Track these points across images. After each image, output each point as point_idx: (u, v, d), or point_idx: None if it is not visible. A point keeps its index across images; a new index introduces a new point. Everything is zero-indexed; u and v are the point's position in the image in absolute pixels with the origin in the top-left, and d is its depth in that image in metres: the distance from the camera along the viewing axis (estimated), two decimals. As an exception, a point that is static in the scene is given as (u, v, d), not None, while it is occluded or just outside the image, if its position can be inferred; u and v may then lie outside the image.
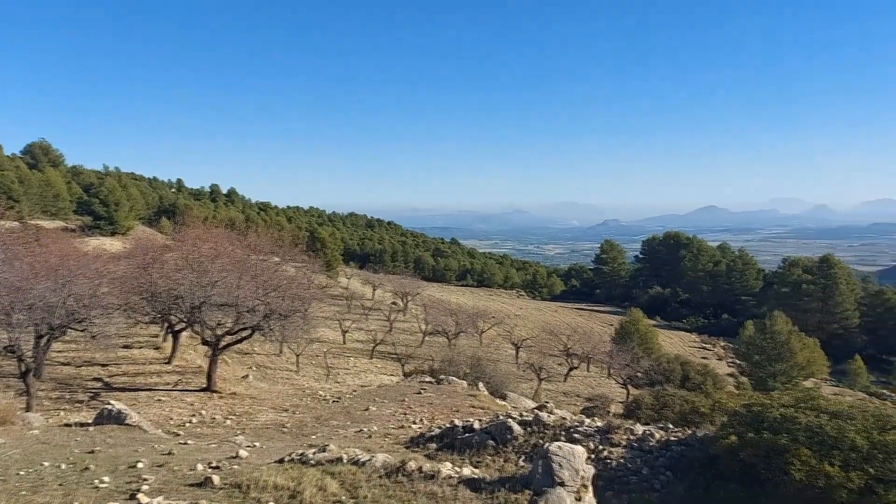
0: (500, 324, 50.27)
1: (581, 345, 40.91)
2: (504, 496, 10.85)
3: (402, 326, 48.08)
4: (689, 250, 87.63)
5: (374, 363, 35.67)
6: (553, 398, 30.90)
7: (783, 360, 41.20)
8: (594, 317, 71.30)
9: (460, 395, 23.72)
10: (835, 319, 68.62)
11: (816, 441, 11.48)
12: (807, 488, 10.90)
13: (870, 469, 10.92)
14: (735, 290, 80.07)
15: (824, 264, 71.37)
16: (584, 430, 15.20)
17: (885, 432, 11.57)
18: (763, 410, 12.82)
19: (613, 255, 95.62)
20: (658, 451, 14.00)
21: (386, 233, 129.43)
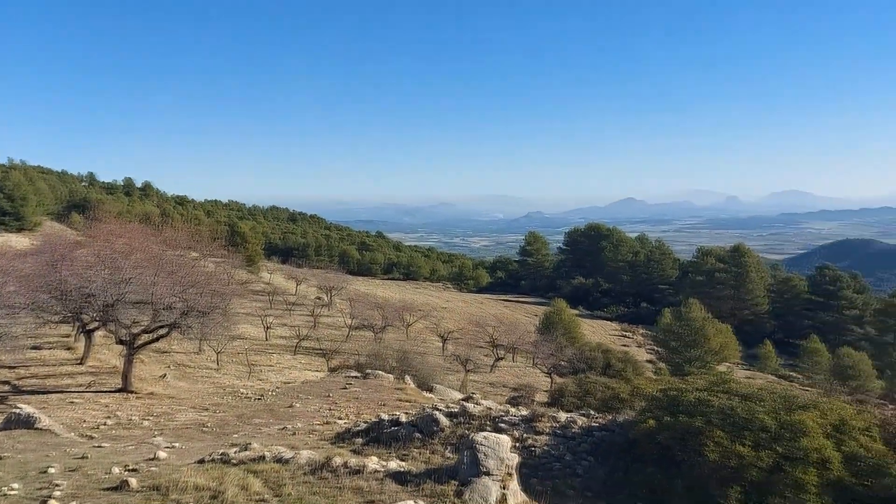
0: (427, 317, 50.34)
1: (507, 336, 41.41)
2: (431, 488, 10.86)
3: (328, 321, 47.58)
4: (609, 241, 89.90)
5: (298, 359, 35.15)
6: (480, 389, 31.17)
7: (698, 346, 42.78)
8: (520, 308, 72.30)
9: (387, 389, 23.63)
10: (746, 306, 71.72)
11: (729, 423, 11.95)
12: (720, 468, 11.33)
13: (778, 448, 11.44)
14: (653, 280, 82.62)
15: (736, 253, 74.43)
16: (510, 419, 15.37)
17: (791, 412, 12.14)
18: (679, 395, 13.26)
19: (537, 247, 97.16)
20: (581, 438, 14.30)
21: (309, 226, 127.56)
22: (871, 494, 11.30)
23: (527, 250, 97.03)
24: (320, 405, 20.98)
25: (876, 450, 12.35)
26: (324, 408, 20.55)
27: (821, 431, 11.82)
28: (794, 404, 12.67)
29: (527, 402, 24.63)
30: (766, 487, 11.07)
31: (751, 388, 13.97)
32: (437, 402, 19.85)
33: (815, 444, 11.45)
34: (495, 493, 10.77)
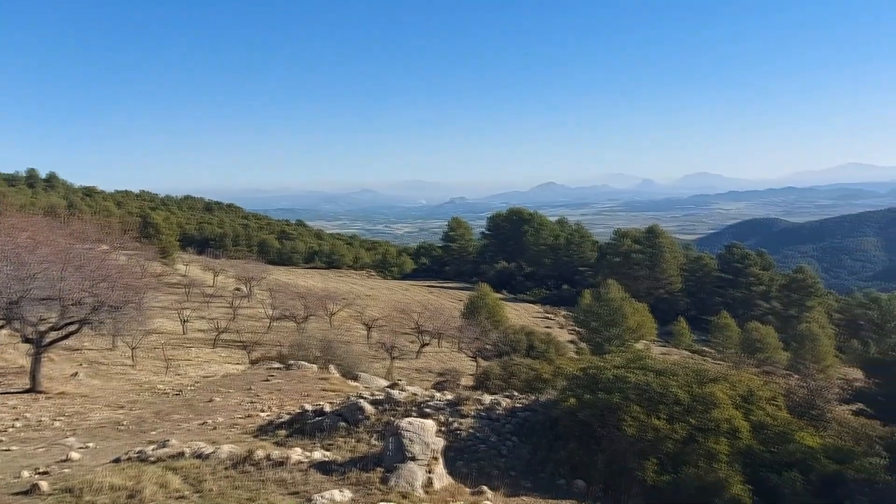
0: (351, 305, 49.96)
1: (432, 321, 41.57)
2: (356, 476, 10.83)
3: (248, 313, 46.59)
4: (531, 226, 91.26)
5: (218, 352, 34.30)
6: (406, 376, 31.20)
7: (617, 325, 44.06)
8: (444, 293, 72.68)
9: (311, 380, 23.35)
10: (661, 285, 74.27)
11: (645, 397, 12.37)
12: (638, 441, 11.73)
13: (691, 420, 11.93)
14: (573, 262, 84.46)
15: (651, 235, 76.87)
16: (435, 404, 15.47)
17: (703, 385, 12.67)
18: (598, 372, 13.63)
19: (461, 233, 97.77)
20: (505, 419, 14.53)
21: (226, 216, 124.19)
22: (777, 460, 11.93)
23: (450, 236, 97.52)
24: (242, 398, 20.54)
25: (781, 418, 13.04)
26: (245, 401, 20.13)
27: (730, 402, 12.38)
28: (706, 377, 13.22)
29: (452, 386, 24.85)
30: (680, 458, 11.53)
31: (665, 363, 14.49)
32: (363, 390, 19.77)
33: (725, 414, 11.98)
34: (421, 478, 10.83)
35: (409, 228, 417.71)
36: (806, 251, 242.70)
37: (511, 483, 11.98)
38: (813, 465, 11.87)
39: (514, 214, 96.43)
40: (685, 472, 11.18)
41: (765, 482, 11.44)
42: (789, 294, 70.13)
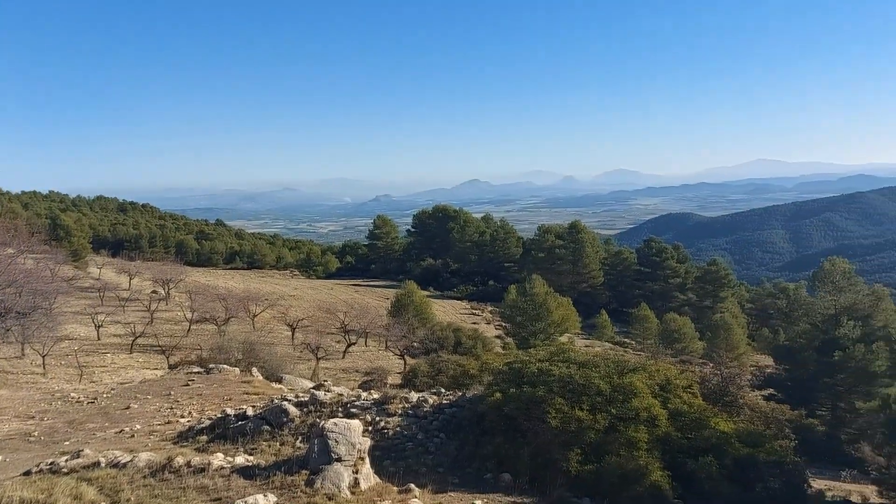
0: (274, 306, 48.98)
1: (358, 320, 41.17)
2: (280, 479, 10.66)
3: (166, 316, 45.08)
4: (456, 222, 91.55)
5: (135, 358, 33.05)
6: (332, 376, 30.84)
7: (542, 319, 44.73)
8: (370, 292, 72.18)
9: (233, 383, 22.82)
10: (584, 279, 75.79)
11: (568, 390, 12.62)
12: (562, 433, 11.96)
13: (612, 410, 12.24)
14: (499, 258, 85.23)
15: (573, 230, 78.36)
16: (362, 403, 15.36)
17: (623, 376, 13.02)
18: (523, 367, 13.82)
19: (386, 230, 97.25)
20: (432, 416, 14.56)
21: (141, 216, 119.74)
22: (693, 446, 12.37)
23: (376, 234, 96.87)
24: (160, 404, 19.90)
25: (697, 405, 13.53)
26: (164, 407, 19.51)
27: (649, 392, 12.77)
28: (626, 368, 13.59)
29: (379, 385, 24.71)
30: (603, 447, 11.81)
31: (587, 356, 14.83)
32: (287, 392, 19.45)
33: (644, 403, 12.35)
34: (347, 479, 10.74)
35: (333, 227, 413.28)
36: (719, 244, 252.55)
37: (439, 479, 12.01)
38: (727, 449, 12.37)
39: (440, 212, 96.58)
40: (607, 461, 11.47)
41: (682, 468, 11.86)
42: (704, 286, 72.76)
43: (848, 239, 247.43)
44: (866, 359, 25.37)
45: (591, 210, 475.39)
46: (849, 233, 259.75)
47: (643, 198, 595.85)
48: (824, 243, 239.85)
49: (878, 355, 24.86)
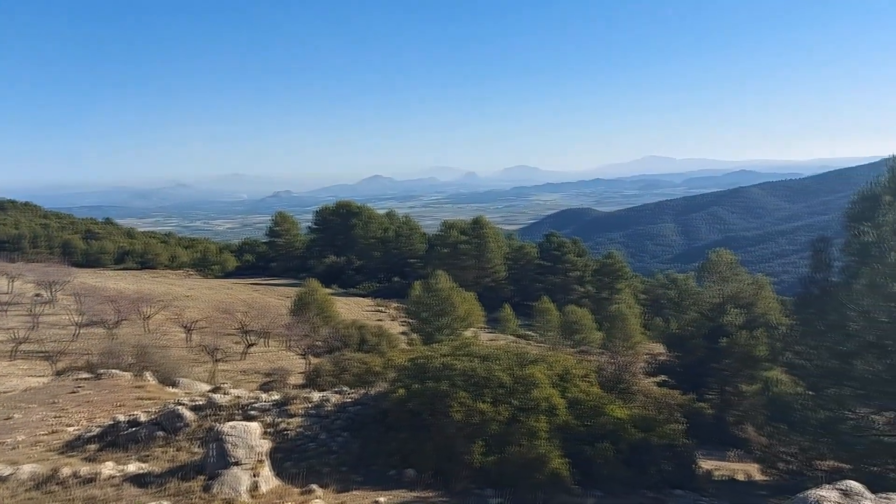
0: (169, 307, 47.08)
1: (258, 320, 40.21)
2: (175, 486, 10.32)
3: (51, 320, 42.55)
4: (359, 219, 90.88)
5: (17, 365, 31.01)
6: (231, 378, 29.97)
7: (447, 315, 45.07)
8: (271, 290, 70.66)
9: (125, 389, 21.78)
10: (487, 274, 76.92)
11: (471, 383, 12.73)
12: (465, 426, 12.06)
13: (514, 401, 12.45)
14: (403, 254, 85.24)
15: (476, 226, 79.34)
16: (261, 405, 15.00)
17: (524, 367, 13.26)
18: (427, 362, 13.83)
19: (287, 227, 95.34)
20: (335, 415, 14.37)
21: (22, 215, 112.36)
22: (591, 433, 12.75)
23: (275, 231, 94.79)
24: (45, 413, 18.74)
25: (594, 393, 13.94)
26: (50, 416, 18.39)
27: (549, 382, 13.05)
28: (526, 360, 13.83)
29: (280, 386, 24.24)
30: (505, 438, 11.99)
31: (490, 349, 15.01)
32: (182, 396, 18.73)
33: (544, 394, 12.61)
34: (246, 482, 10.49)
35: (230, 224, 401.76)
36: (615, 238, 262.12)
37: (342, 479, 11.87)
38: (622, 434, 12.81)
39: (343, 208, 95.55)
40: (509, 451, 11.65)
41: (581, 454, 12.19)
42: (601, 278, 75.27)
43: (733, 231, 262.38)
44: (749, 344, 26.87)
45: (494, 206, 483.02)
46: (733, 225, 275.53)
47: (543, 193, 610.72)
48: (711, 236, 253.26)
49: (760, 341, 26.33)
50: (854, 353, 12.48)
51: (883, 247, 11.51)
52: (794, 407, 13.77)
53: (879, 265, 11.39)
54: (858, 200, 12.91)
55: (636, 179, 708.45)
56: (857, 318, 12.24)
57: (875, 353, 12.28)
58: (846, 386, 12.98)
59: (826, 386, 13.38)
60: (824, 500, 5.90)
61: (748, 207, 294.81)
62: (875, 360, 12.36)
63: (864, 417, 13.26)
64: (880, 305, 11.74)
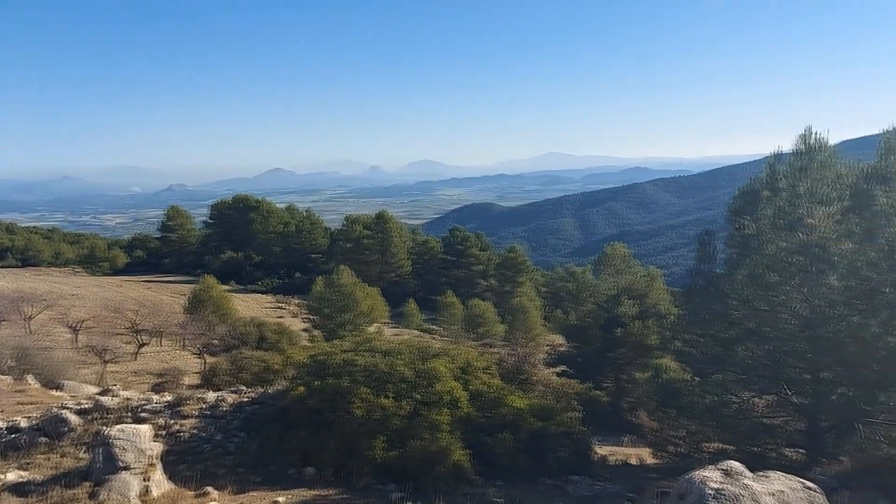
0: (53, 306, 44.42)
1: (150, 319, 38.53)
2: (59, 494, 9.79)
3: (-80, 323, 39.42)
4: (258, 213, 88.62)
5: None
6: (122, 380, 28.60)
7: (350, 310, 44.62)
8: (164, 288, 67.94)
9: (4, 393, 20.36)
10: (392, 269, 76.75)
11: (373, 378, 12.65)
12: (367, 422, 11.98)
13: (416, 395, 12.46)
14: (305, 250, 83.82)
15: (380, 220, 79.00)
16: (153, 407, 14.40)
17: (426, 361, 13.29)
18: (327, 358, 13.65)
19: (181, 222, 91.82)
20: (231, 415, 13.97)
21: None
22: (492, 424, 12.93)
23: (169, 226, 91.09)
24: (-89, 424, 17.31)
25: (495, 385, 14.14)
26: (-84, 426, 17.00)
27: (451, 375, 13.14)
28: (429, 354, 13.87)
29: (174, 386, 23.33)
30: (407, 432, 11.99)
31: (392, 343, 14.96)
32: (67, 399, 17.70)
33: (446, 387, 12.69)
34: (137, 487, 10.06)
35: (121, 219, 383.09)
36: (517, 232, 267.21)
37: (239, 480, 11.56)
38: (522, 424, 13.07)
39: (240, 202, 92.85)
40: (411, 445, 11.66)
41: (482, 445, 12.35)
42: (504, 272, 76.55)
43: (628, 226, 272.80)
44: (643, 333, 27.99)
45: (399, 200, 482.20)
46: (628, 220, 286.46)
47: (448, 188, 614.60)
48: (608, 230, 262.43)
49: (652, 330, 27.44)
50: (736, 339, 13.19)
51: (762, 239, 12.20)
52: (682, 392, 14.43)
53: (758, 256, 12.08)
54: (739, 196, 13.65)
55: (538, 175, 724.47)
56: (738, 306, 12.94)
57: (755, 339, 13.03)
58: (729, 371, 13.72)
59: (711, 372, 14.09)
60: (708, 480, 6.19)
61: (642, 203, 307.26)
62: (755, 346, 13.12)
63: (746, 401, 14.04)
64: (759, 294, 12.45)
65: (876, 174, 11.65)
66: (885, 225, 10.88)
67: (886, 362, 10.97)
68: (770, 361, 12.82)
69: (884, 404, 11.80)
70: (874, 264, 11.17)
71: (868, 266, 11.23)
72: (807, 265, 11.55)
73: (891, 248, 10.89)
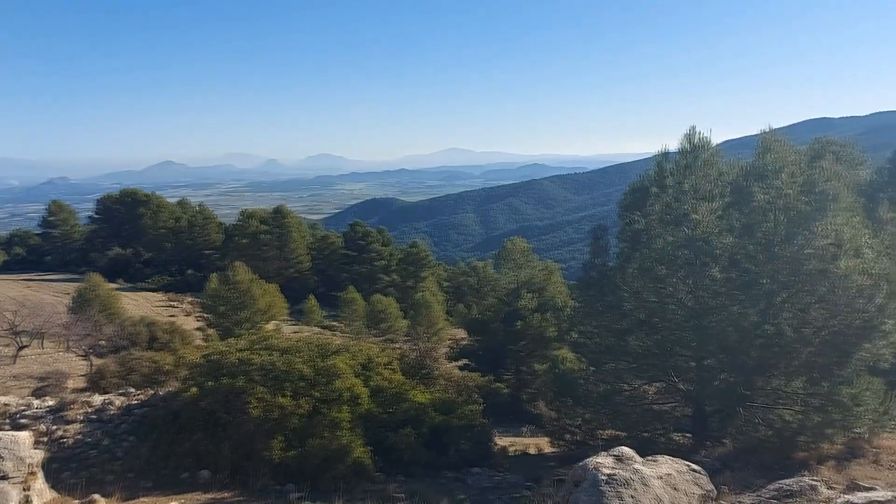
0: (-80, 308, 41.12)
1: (31, 320, 36.17)
2: (-76, 513, 9.01)
3: None
4: (148, 208, 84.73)
5: None
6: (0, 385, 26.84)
7: (247, 308, 43.47)
8: (46, 287, 64.00)
9: None
10: (291, 265, 75.22)
11: (270, 377, 12.36)
12: (265, 421, 11.69)
13: (316, 393, 12.27)
14: (198, 245, 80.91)
15: (278, 215, 77.24)
16: (34, 412, 13.56)
17: (326, 358, 13.11)
18: (222, 358, 13.23)
19: (63, 217, 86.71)
20: (119, 419, 13.34)
21: None
22: (394, 420, 12.91)
23: (50, 221, 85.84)
24: None
25: (396, 380, 14.12)
26: None
27: (351, 372, 13.02)
28: (329, 351, 13.69)
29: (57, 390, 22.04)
30: (307, 431, 11.79)
31: (291, 341, 14.67)
32: (-64, 408, 16.41)
33: (346, 384, 12.56)
34: (16, 498, 9.44)
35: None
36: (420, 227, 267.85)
37: (129, 485, 11.07)
38: (424, 419, 13.11)
39: (128, 196, 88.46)
40: (311, 444, 11.48)
41: (384, 441, 12.31)
42: (407, 267, 76.51)
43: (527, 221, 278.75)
44: (541, 326, 28.68)
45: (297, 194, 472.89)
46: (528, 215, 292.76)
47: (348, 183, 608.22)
48: (508, 225, 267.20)
49: (550, 322, 28.15)
50: (628, 330, 13.71)
51: (650, 234, 12.72)
52: (578, 382, 14.85)
53: (647, 250, 12.58)
54: (630, 192, 14.17)
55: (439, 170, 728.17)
56: (630, 298, 13.44)
57: (645, 329, 13.58)
58: (622, 361, 14.24)
59: (605, 361, 14.58)
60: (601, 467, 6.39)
61: (541, 198, 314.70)
62: (645, 336, 13.67)
63: (637, 388, 14.62)
64: (649, 287, 12.97)
65: (754, 172, 12.34)
66: (762, 220, 11.54)
67: (764, 349, 11.67)
68: (659, 350, 13.38)
69: (762, 389, 12.55)
70: (752, 257, 11.84)
71: (747, 259, 11.89)
72: (692, 258, 12.10)
73: (768, 242, 11.57)
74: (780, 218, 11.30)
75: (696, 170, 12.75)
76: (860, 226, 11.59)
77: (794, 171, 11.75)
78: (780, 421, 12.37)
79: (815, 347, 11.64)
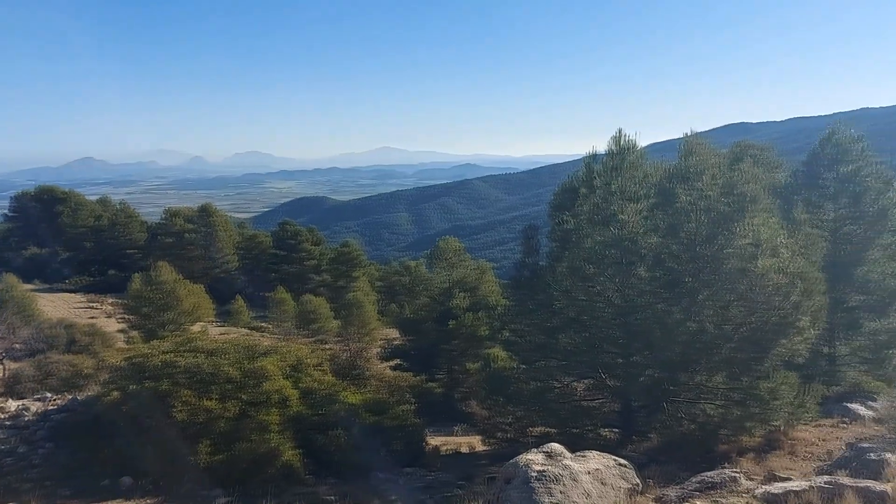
0: None
1: (-62, 323, 34.33)
2: None
3: None
4: (66, 206, 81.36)
5: None
6: None
7: (171, 309, 42.17)
8: (-44, 288, 60.85)
9: None
10: (217, 265, 73.44)
11: (196, 380, 12.04)
12: (190, 425, 11.38)
13: (243, 396, 12.01)
14: (120, 245, 78.16)
15: (204, 214, 75.29)
16: (-60, 421, 12.82)
17: (254, 360, 12.85)
18: (145, 360, 12.81)
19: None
20: (36, 425, 12.78)
21: None
22: (324, 421, 12.75)
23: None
24: None
25: (327, 381, 13.97)
26: None
27: (280, 373, 12.80)
28: (257, 352, 13.43)
29: (-33, 397, 20.91)
30: (234, 435, 11.53)
31: (218, 343, 14.31)
32: None
33: (275, 386, 12.34)
34: (-82, 515, 8.89)
35: None
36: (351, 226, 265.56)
37: (46, 494, 10.62)
38: (355, 420, 13.00)
39: (45, 193, 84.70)
40: (239, 447, 11.23)
41: (314, 443, 12.14)
42: (338, 266, 75.64)
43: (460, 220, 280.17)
44: (474, 325, 28.83)
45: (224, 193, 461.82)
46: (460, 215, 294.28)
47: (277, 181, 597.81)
48: (441, 224, 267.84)
49: (483, 321, 28.33)
50: (558, 328, 13.92)
51: (580, 233, 12.95)
52: (510, 380, 15.00)
53: (577, 250, 12.81)
54: (560, 192, 14.41)
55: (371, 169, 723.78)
56: (560, 297, 13.65)
57: (575, 327, 13.82)
58: (552, 358, 14.46)
59: (536, 359, 14.78)
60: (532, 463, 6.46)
61: (473, 198, 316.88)
62: (575, 333, 13.91)
63: (567, 385, 14.88)
64: (578, 285, 13.21)
65: (678, 174, 12.72)
66: (686, 221, 11.91)
67: (687, 345, 12.05)
68: (588, 347, 13.64)
69: (685, 384, 12.95)
70: (676, 256, 12.20)
71: (671, 258, 12.25)
72: (619, 258, 12.38)
73: (690, 242, 11.94)
74: (702, 218, 11.68)
75: (623, 171, 13.04)
76: (777, 226, 12.09)
77: (715, 173, 12.16)
78: (702, 415, 12.79)
79: (735, 343, 12.07)
